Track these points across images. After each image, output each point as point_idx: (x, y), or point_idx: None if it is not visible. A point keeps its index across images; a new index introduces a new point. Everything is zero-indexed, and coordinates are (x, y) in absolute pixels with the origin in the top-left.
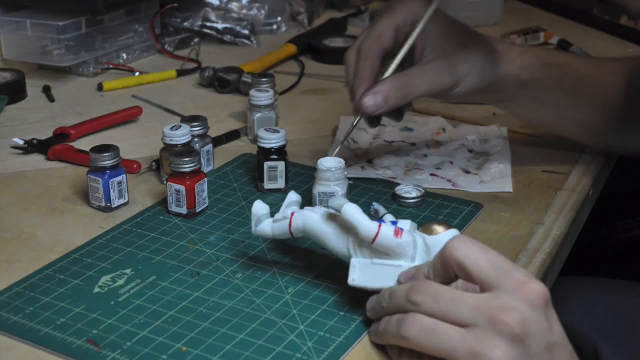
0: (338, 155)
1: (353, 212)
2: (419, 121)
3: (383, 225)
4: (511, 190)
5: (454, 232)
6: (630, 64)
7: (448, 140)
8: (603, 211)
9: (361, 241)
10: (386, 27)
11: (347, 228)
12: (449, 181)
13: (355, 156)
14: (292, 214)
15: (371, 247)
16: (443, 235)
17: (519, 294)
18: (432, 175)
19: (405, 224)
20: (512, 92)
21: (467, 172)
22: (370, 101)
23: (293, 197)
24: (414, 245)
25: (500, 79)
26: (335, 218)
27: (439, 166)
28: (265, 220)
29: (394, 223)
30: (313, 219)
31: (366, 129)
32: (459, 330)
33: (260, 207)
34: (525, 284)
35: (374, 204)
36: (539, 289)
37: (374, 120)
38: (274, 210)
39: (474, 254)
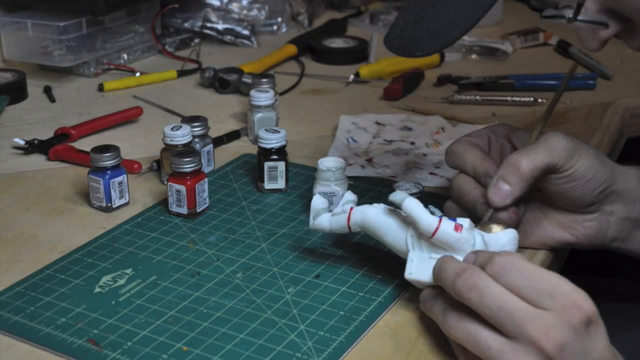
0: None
1: (414, 207)
2: (418, 120)
3: (443, 219)
4: None
5: (511, 232)
6: None
7: (447, 140)
8: None
9: (420, 235)
10: (481, 132)
11: (405, 222)
12: (448, 180)
13: (354, 155)
14: (351, 209)
15: (430, 242)
16: (501, 234)
17: (564, 316)
18: (431, 174)
19: (465, 221)
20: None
21: None
22: (496, 193)
23: (350, 196)
24: (472, 242)
25: (619, 176)
26: (393, 213)
27: (437, 165)
28: (323, 214)
29: (453, 220)
30: (372, 213)
31: (365, 128)
32: (499, 339)
33: (319, 202)
34: (569, 308)
35: (429, 206)
36: (582, 311)
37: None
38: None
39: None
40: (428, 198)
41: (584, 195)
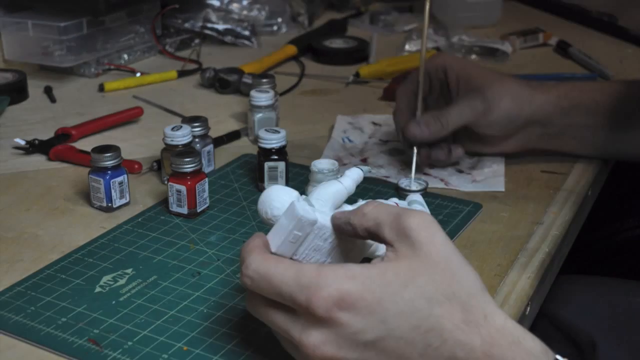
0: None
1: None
2: None
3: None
4: (503, 190)
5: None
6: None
7: None
8: (601, 211)
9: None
10: (415, 73)
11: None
12: (442, 180)
13: (349, 155)
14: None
15: None
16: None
17: (308, 317)
18: (425, 174)
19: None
20: (558, 122)
21: (460, 172)
22: (413, 129)
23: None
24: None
25: (539, 107)
26: None
27: (432, 165)
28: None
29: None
30: None
31: (362, 128)
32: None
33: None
34: (308, 304)
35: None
36: (319, 302)
37: (442, 158)
38: None
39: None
40: (427, 198)
41: (504, 131)
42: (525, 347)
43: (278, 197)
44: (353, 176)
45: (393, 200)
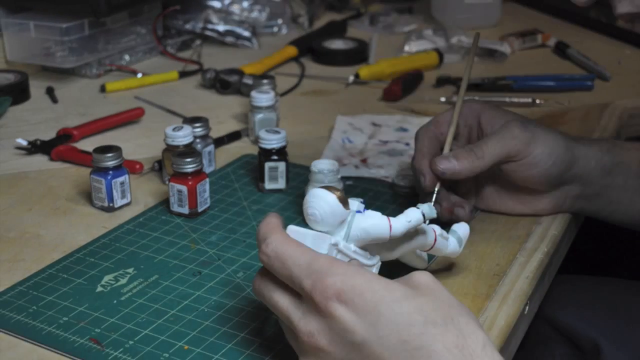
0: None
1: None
2: (414, 121)
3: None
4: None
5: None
6: None
7: None
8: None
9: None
10: (443, 116)
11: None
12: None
13: (349, 155)
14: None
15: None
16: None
17: (310, 302)
18: None
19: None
20: (598, 182)
21: None
22: (443, 164)
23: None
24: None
25: (581, 160)
26: None
27: None
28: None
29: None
30: None
31: (361, 128)
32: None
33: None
34: (312, 290)
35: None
36: (323, 290)
37: (452, 208)
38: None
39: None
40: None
41: (544, 180)
42: None
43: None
44: (409, 217)
45: (431, 227)
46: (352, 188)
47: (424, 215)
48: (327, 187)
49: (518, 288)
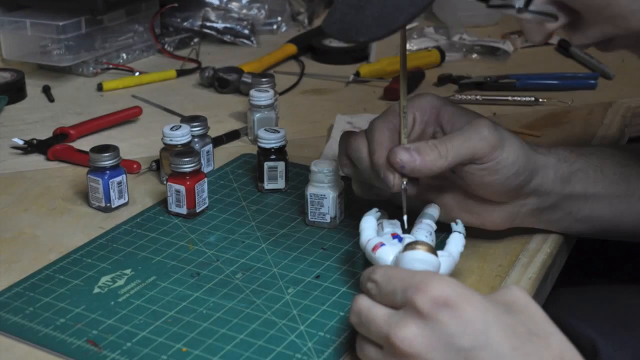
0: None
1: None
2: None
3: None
4: None
5: (424, 255)
6: None
7: None
8: None
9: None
10: (390, 111)
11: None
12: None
13: None
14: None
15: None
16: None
17: (410, 308)
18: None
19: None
20: (557, 193)
21: None
22: (401, 154)
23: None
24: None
25: (539, 170)
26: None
27: None
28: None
29: (395, 237)
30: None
31: (361, 127)
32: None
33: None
34: (413, 296)
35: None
36: (427, 295)
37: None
38: None
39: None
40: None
41: (502, 189)
42: None
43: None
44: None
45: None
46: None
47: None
48: (414, 245)
49: None
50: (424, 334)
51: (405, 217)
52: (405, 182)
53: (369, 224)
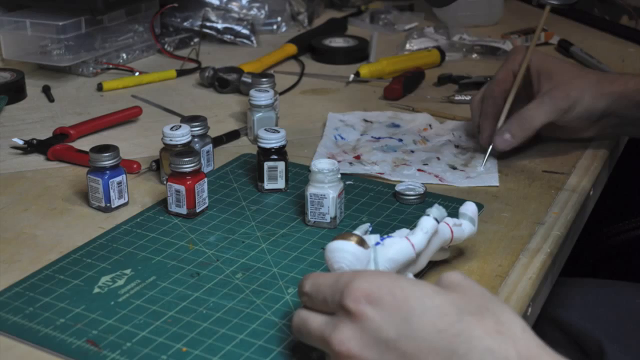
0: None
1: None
2: (406, 117)
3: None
4: (497, 185)
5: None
6: None
7: (434, 136)
8: (603, 211)
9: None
10: (504, 72)
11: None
12: (436, 176)
13: (343, 152)
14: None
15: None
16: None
17: (341, 310)
18: (419, 170)
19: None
20: (632, 115)
21: (454, 168)
22: (501, 142)
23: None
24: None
25: (616, 101)
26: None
27: (425, 162)
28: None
29: (383, 238)
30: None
31: (353, 125)
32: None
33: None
34: (340, 297)
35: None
36: (351, 295)
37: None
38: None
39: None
40: (428, 198)
41: (584, 125)
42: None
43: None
44: (425, 228)
45: (443, 223)
46: (353, 188)
47: (436, 219)
48: (341, 236)
49: (521, 289)
50: (355, 334)
51: (483, 162)
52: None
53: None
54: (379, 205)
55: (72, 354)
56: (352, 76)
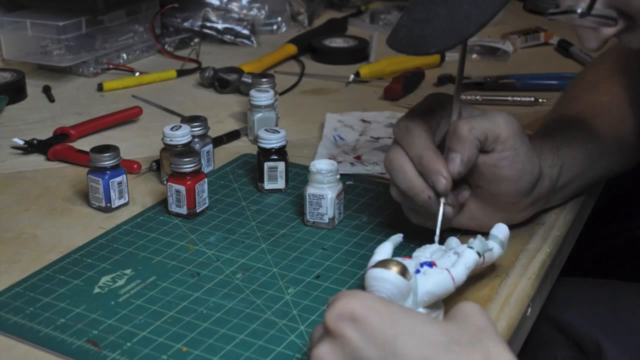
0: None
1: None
2: None
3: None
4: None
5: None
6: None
7: None
8: (603, 211)
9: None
10: (428, 105)
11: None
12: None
13: (343, 153)
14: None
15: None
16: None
17: (325, 331)
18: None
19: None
20: (548, 195)
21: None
22: (457, 166)
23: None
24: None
25: (542, 177)
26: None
27: None
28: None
29: (424, 264)
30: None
31: (352, 125)
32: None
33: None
34: (325, 314)
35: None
36: (332, 312)
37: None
38: None
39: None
40: None
41: (514, 187)
42: None
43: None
44: (468, 263)
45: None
46: (353, 188)
47: (479, 253)
48: (384, 264)
49: (520, 290)
50: (333, 351)
51: (437, 237)
52: (442, 200)
53: (383, 249)
54: (379, 206)
55: (72, 354)
56: (352, 76)
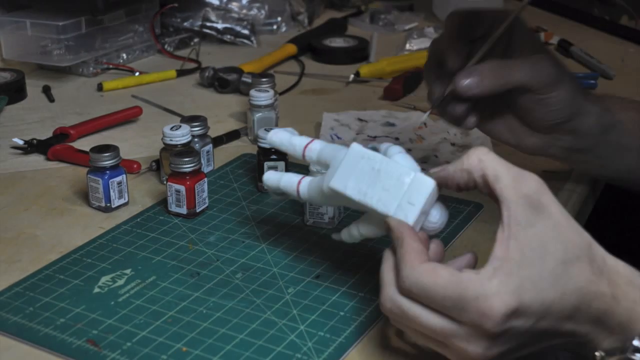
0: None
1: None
2: (400, 116)
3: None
4: None
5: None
6: None
7: (430, 134)
8: (603, 211)
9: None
10: (463, 10)
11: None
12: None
13: None
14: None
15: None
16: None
17: (477, 330)
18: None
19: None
20: (593, 138)
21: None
22: (464, 79)
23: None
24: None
25: (581, 115)
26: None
27: (424, 160)
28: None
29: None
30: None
31: (348, 124)
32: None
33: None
34: (479, 320)
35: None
36: (492, 319)
37: (457, 118)
38: None
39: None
40: None
41: (545, 120)
42: (638, 285)
43: None
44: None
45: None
46: None
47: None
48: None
49: None
50: (498, 342)
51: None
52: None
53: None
54: None
55: (72, 354)
56: (352, 76)
